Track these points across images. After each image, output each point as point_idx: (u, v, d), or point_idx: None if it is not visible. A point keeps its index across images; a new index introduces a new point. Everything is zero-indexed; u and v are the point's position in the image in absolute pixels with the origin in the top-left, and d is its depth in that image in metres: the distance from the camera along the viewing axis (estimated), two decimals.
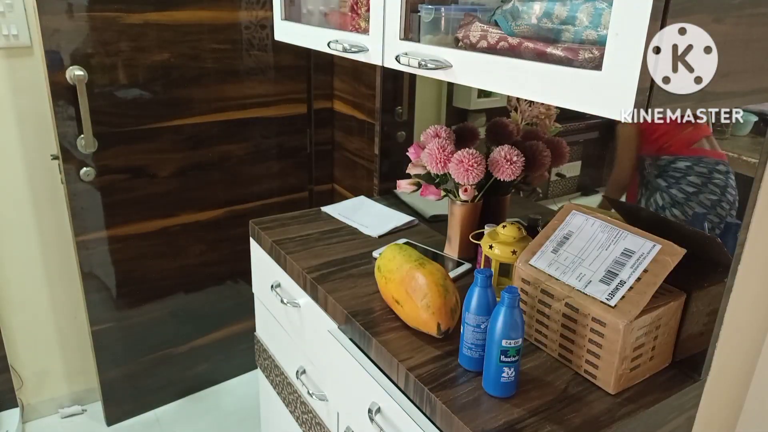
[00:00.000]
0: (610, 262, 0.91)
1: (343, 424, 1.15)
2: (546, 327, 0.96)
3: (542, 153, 1.20)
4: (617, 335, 0.84)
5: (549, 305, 0.94)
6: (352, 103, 2.01)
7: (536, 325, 0.98)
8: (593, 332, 0.88)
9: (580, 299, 0.89)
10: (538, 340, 0.99)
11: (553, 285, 0.93)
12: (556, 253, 0.97)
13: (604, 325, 0.86)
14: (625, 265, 0.89)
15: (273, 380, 1.57)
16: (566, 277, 0.93)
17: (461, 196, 1.22)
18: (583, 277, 0.91)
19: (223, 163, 1.98)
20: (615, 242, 0.93)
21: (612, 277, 0.89)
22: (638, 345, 0.87)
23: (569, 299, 0.90)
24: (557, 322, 0.93)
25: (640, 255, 0.89)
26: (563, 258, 0.96)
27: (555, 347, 0.95)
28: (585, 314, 0.88)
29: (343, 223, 1.49)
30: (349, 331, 1.10)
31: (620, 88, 0.62)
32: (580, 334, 0.90)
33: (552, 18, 0.77)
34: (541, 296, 0.95)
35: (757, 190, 0.84)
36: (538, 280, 0.95)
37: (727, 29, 0.64)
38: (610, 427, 0.83)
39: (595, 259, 0.92)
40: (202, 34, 1.81)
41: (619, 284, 0.87)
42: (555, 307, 0.93)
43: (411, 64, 0.94)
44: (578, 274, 0.92)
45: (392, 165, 1.67)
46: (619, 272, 0.89)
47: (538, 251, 0.99)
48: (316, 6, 1.36)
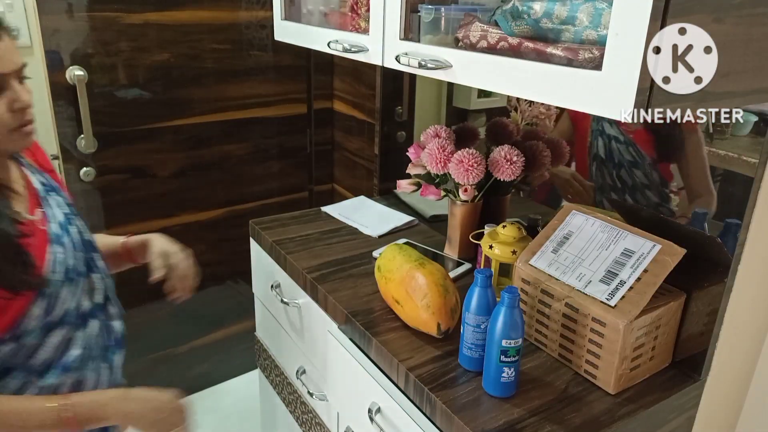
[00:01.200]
0: (610, 262, 0.91)
1: (343, 424, 1.15)
2: (546, 327, 0.96)
3: (542, 153, 1.20)
4: (617, 335, 0.84)
5: (549, 305, 0.94)
6: (352, 103, 2.01)
7: (536, 325, 0.98)
8: (593, 332, 0.88)
9: (580, 299, 0.89)
10: (538, 340, 0.99)
11: (553, 285, 0.93)
12: (556, 253, 0.97)
13: (604, 325, 0.86)
14: (625, 265, 0.89)
15: (273, 380, 1.57)
16: (566, 276, 0.93)
17: (461, 196, 1.22)
18: (583, 277, 0.91)
19: (223, 163, 1.98)
20: (615, 242, 0.93)
21: (612, 277, 0.89)
22: (638, 345, 0.87)
23: (569, 299, 0.90)
24: (557, 322, 0.93)
25: (640, 255, 0.89)
26: (563, 258, 0.96)
27: (555, 347, 0.95)
28: (585, 314, 0.88)
29: (343, 223, 1.49)
30: (349, 331, 1.10)
31: (620, 88, 0.62)
32: (580, 334, 0.90)
33: (552, 18, 0.77)
34: (541, 296, 0.95)
35: (757, 190, 0.84)
36: (538, 280, 0.95)
37: (727, 29, 0.64)
38: (610, 427, 0.83)
39: (595, 259, 0.92)
40: (202, 34, 1.81)
41: (619, 284, 0.87)
42: (555, 307, 0.93)
43: (411, 64, 0.94)
44: (578, 274, 0.92)
45: (392, 165, 1.67)
46: (619, 272, 0.89)
47: (538, 251, 0.99)
48: (316, 6, 1.36)
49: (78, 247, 1.00)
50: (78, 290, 0.97)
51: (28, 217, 0.94)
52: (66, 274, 0.95)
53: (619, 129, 1.09)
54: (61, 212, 1.01)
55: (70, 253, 0.97)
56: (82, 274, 0.99)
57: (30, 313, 0.89)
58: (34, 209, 0.97)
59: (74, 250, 0.99)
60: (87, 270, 1.01)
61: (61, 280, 0.94)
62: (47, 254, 0.93)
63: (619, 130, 1.09)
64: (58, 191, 1.05)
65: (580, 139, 1.20)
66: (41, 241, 0.94)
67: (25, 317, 0.89)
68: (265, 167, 2.08)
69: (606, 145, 1.11)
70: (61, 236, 0.97)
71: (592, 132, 1.15)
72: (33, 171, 1.03)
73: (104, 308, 1.04)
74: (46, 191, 1.01)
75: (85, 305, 0.98)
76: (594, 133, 1.15)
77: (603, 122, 1.12)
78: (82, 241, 1.03)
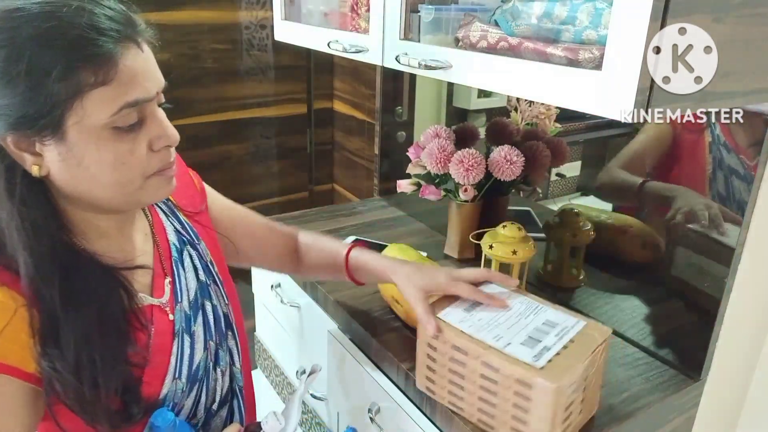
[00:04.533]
0: (531, 329, 0.79)
1: (343, 424, 1.15)
2: (462, 389, 0.80)
3: (542, 153, 1.20)
4: (548, 398, 0.70)
5: (464, 363, 0.78)
6: (352, 103, 2.01)
7: (449, 386, 0.82)
8: (518, 395, 0.73)
9: (499, 358, 0.74)
10: (452, 403, 0.83)
11: (465, 342, 0.77)
12: (469, 312, 0.83)
13: (531, 387, 0.71)
14: (549, 334, 0.78)
15: (273, 380, 1.57)
16: (482, 334, 0.78)
17: (461, 196, 1.21)
18: (501, 338, 0.77)
19: (223, 163, 1.98)
20: (535, 314, 0.82)
21: (535, 343, 0.76)
22: (569, 403, 0.74)
23: (486, 357, 0.75)
24: (474, 383, 0.78)
25: (564, 327, 0.79)
26: (477, 318, 0.81)
27: (474, 411, 0.80)
28: (507, 375, 0.73)
29: (343, 224, 1.49)
30: (349, 331, 1.10)
31: (620, 88, 0.62)
32: (502, 397, 0.75)
33: (552, 18, 0.77)
34: (452, 353, 0.79)
35: (757, 190, 0.84)
36: (448, 335, 0.79)
37: (727, 29, 0.64)
38: (610, 427, 0.83)
39: (514, 324, 0.80)
40: (202, 34, 1.81)
41: (544, 349, 0.75)
42: (471, 365, 0.77)
43: (411, 64, 0.94)
44: (495, 335, 0.77)
45: (392, 165, 1.67)
46: (543, 339, 0.77)
47: (448, 306, 0.84)
48: (316, 6, 1.35)
49: (209, 332, 0.79)
50: (208, 392, 0.79)
51: (150, 301, 0.74)
52: (192, 375, 0.75)
53: (739, 160, 0.87)
54: (194, 279, 0.80)
55: (200, 343, 0.77)
56: (215, 368, 0.80)
57: None
58: (163, 282, 0.77)
59: (206, 338, 0.78)
60: (216, 362, 0.80)
61: (186, 386, 0.75)
62: (171, 356, 0.73)
63: (740, 162, 0.87)
64: (195, 242, 0.83)
65: (694, 166, 0.96)
66: (164, 339, 0.73)
67: None
68: (265, 167, 2.08)
69: (726, 180, 0.90)
70: (190, 321, 0.77)
71: (713, 160, 0.91)
72: (169, 214, 0.83)
73: (230, 404, 0.84)
74: (181, 246, 0.80)
75: (213, 408, 0.80)
76: (714, 161, 0.91)
77: (721, 148, 0.90)
78: (216, 322, 0.81)
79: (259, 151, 2.05)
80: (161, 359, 0.73)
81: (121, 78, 0.61)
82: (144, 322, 0.71)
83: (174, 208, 0.84)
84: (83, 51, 0.59)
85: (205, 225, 0.88)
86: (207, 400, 0.80)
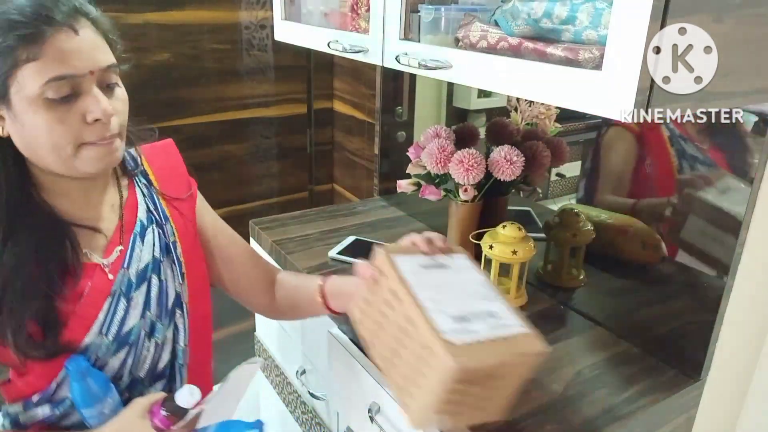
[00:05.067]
0: (469, 311, 0.74)
1: (343, 424, 1.15)
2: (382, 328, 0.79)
3: (542, 153, 1.20)
4: (444, 374, 0.66)
5: (393, 308, 0.76)
6: (352, 103, 2.01)
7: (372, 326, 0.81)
8: (421, 360, 0.70)
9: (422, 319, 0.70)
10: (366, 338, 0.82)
11: (401, 289, 0.74)
12: (423, 269, 0.80)
13: (434, 356, 0.68)
14: (483, 322, 0.73)
15: (273, 380, 1.57)
16: (421, 292, 0.74)
17: (461, 196, 1.21)
18: (437, 303, 0.73)
19: (223, 163, 1.98)
20: (485, 300, 0.77)
21: (465, 323, 0.71)
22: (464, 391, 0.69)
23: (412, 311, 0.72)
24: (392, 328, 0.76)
25: (502, 324, 0.73)
26: (426, 277, 0.78)
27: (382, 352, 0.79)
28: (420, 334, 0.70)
29: (343, 224, 1.49)
30: (349, 331, 1.10)
31: (620, 88, 0.62)
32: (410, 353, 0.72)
33: (552, 18, 0.77)
34: (387, 295, 0.77)
35: (757, 190, 0.84)
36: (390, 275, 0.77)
37: (727, 29, 0.64)
38: (610, 427, 0.83)
39: (457, 299, 0.76)
40: (202, 34, 1.81)
41: (468, 332, 0.70)
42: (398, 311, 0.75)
43: (411, 64, 0.94)
44: (433, 298, 0.74)
45: (392, 165, 1.67)
46: (474, 323, 0.72)
47: (408, 255, 0.82)
48: (316, 6, 1.36)
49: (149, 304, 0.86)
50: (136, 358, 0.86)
51: (94, 260, 0.83)
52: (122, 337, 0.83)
53: (695, 146, 0.90)
54: (149, 254, 0.87)
55: (137, 310, 0.84)
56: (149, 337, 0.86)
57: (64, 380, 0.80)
58: (114, 249, 0.85)
59: (145, 308, 0.85)
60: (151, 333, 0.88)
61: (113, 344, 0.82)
62: (101, 311, 0.81)
63: (696, 148, 0.90)
64: (162, 222, 0.91)
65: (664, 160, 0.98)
66: (98, 296, 0.82)
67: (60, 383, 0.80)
68: (265, 167, 2.08)
69: (692, 167, 0.94)
70: (131, 287, 0.84)
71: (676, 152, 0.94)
72: (146, 195, 0.91)
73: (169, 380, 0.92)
74: (148, 224, 0.89)
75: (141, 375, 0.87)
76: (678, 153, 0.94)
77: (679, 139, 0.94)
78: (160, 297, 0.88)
79: (259, 151, 2.05)
80: (90, 312, 0.81)
81: (47, 55, 0.70)
82: (77, 273, 0.80)
83: (154, 192, 0.94)
84: (18, 31, 0.69)
85: (184, 214, 0.96)
86: (134, 366, 0.86)
